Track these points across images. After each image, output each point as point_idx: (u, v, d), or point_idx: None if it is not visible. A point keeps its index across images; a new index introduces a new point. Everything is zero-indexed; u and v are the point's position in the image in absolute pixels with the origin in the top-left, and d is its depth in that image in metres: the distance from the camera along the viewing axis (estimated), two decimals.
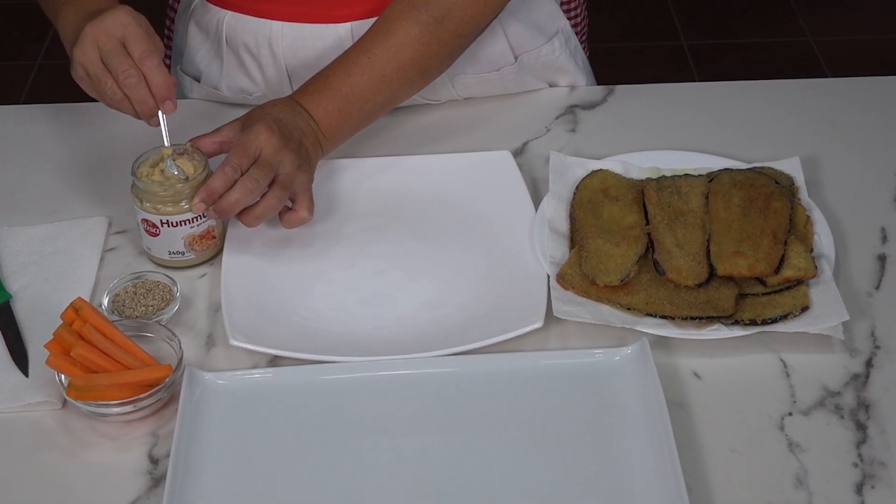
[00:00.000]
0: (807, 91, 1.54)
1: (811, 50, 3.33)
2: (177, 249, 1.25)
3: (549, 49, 1.49)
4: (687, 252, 1.21)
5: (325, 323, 1.20)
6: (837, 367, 1.15)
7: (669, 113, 1.49)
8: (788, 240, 1.22)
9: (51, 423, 1.11)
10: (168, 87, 1.21)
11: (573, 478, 1.04)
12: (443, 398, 1.11)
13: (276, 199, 1.22)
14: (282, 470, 1.05)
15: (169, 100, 1.22)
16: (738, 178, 1.29)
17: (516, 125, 1.47)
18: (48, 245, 1.29)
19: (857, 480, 1.05)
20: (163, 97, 1.21)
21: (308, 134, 1.28)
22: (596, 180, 1.32)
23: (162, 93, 1.21)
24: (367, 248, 1.29)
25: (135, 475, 1.07)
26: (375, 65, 1.30)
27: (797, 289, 1.18)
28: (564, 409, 1.10)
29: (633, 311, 1.18)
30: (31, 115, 1.52)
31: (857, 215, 1.32)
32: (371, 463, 1.06)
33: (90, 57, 1.20)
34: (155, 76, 1.20)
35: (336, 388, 1.12)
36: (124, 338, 1.12)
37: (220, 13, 1.44)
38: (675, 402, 1.11)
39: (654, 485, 1.02)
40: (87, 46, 1.20)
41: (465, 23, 1.32)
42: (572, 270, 1.20)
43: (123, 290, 1.22)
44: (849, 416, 1.10)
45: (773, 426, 1.09)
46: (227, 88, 1.49)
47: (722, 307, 1.16)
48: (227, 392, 1.12)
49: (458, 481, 1.04)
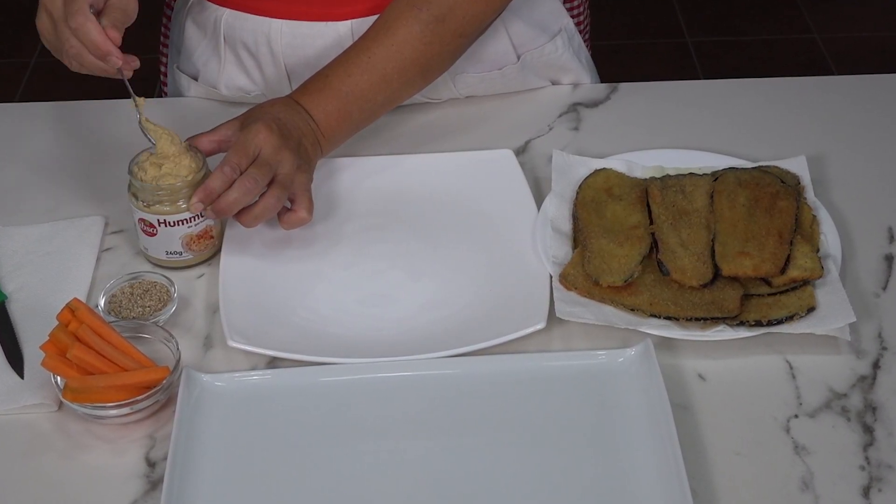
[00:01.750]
0: (813, 89, 1.54)
1: (817, 47, 3.33)
2: (174, 249, 1.25)
3: (551, 48, 1.49)
4: (691, 252, 1.20)
5: (325, 324, 1.19)
6: (844, 369, 1.14)
7: (673, 111, 1.49)
8: (794, 240, 1.21)
9: (46, 426, 1.11)
10: (101, 43, 1.16)
11: (576, 481, 1.04)
12: (444, 400, 1.11)
13: (274, 198, 1.21)
14: (281, 473, 1.05)
15: (110, 55, 1.17)
16: (743, 178, 1.29)
17: (518, 123, 1.47)
18: (44, 245, 1.29)
19: (864, 483, 1.04)
20: (101, 55, 1.17)
21: (307, 134, 1.28)
22: (599, 179, 1.31)
23: (97, 52, 1.17)
24: (368, 248, 1.28)
25: (131, 478, 1.06)
26: (376, 64, 1.30)
27: (803, 289, 1.18)
28: (567, 411, 1.10)
29: (636, 311, 1.17)
30: (26, 114, 1.52)
31: (864, 215, 1.31)
32: (372, 466, 1.06)
33: (44, 27, 1.19)
34: (84, 35, 1.16)
35: (336, 391, 1.12)
36: (121, 339, 1.11)
37: (218, 11, 1.44)
38: (679, 404, 1.10)
39: (658, 488, 1.02)
40: (42, 17, 1.19)
41: (467, 22, 1.32)
42: (575, 271, 1.20)
43: (120, 290, 1.21)
44: (855, 418, 1.10)
45: (778, 428, 1.09)
46: (225, 87, 1.48)
47: (727, 308, 1.16)
48: (226, 394, 1.11)
49: (460, 484, 1.04)
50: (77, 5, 1.16)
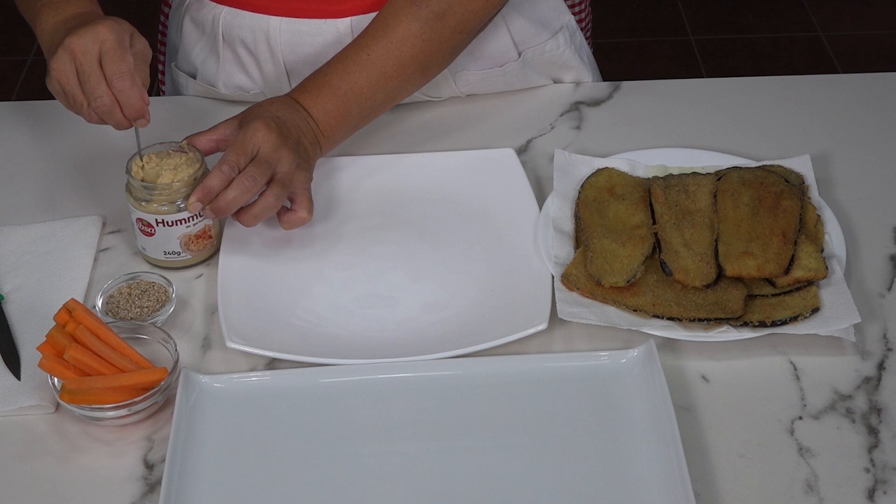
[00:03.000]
0: (817, 87, 1.54)
1: (822, 45, 3.33)
2: (172, 249, 1.24)
3: (553, 45, 1.49)
4: (695, 252, 1.20)
5: (325, 325, 1.19)
6: (849, 370, 1.14)
7: (677, 110, 1.49)
8: (798, 240, 1.21)
9: (43, 428, 1.11)
10: (140, 108, 1.18)
11: (578, 483, 1.03)
12: (445, 402, 1.11)
13: (274, 197, 1.21)
14: (280, 476, 1.05)
15: (143, 118, 1.19)
16: (747, 177, 1.28)
17: (520, 122, 1.47)
18: (41, 245, 1.28)
19: (869, 486, 1.04)
20: (135, 117, 1.19)
21: (306, 132, 1.27)
22: (601, 179, 1.31)
23: (134, 113, 1.19)
24: (368, 248, 1.28)
25: (129, 481, 1.06)
26: (375, 62, 1.30)
27: (807, 290, 1.18)
28: (569, 413, 1.09)
29: (639, 312, 1.17)
30: (23, 112, 1.52)
31: (869, 214, 1.31)
32: (372, 469, 1.05)
33: (67, 75, 1.18)
34: (126, 98, 1.17)
35: (336, 392, 1.11)
36: (119, 340, 1.11)
37: (217, 8, 1.43)
38: (682, 406, 1.10)
39: (661, 491, 1.02)
40: (64, 62, 1.18)
41: (467, 18, 1.31)
42: (577, 271, 1.20)
43: (118, 291, 1.21)
44: (860, 420, 1.10)
45: (782, 430, 1.09)
46: (223, 85, 1.48)
47: (730, 309, 1.15)
48: (224, 396, 1.11)
49: (461, 487, 1.03)
50: (124, 67, 1.17)
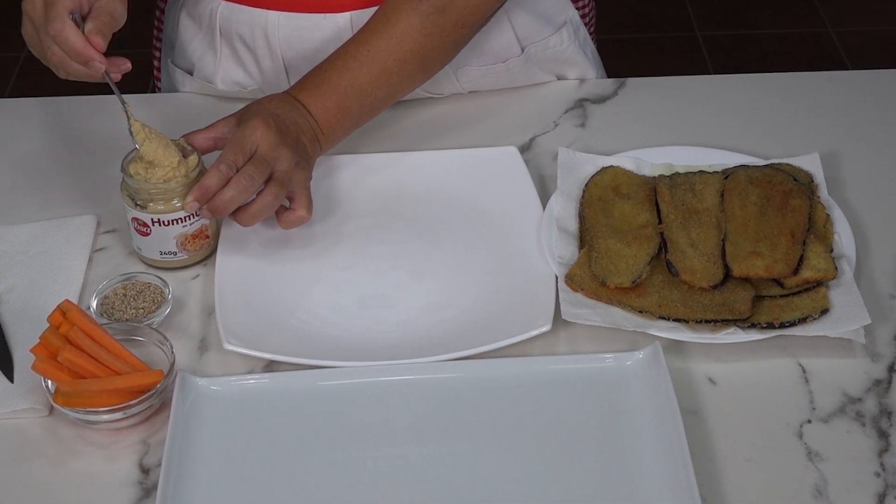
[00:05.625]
0: (826, 84, 1.54)
1: (831, 42, 3.33)
2: (168, 249, 1.24)
3: (556, 40, 1.49)
4: (701, 252, 1.20)
5: (324, 326, 1.19)
6: (858, 373, 1.14)
7: (683, 107, 1.49)
8: (807, 239, 1.21)
9: (37, 431, 1.10)
10: (78, 48, 1.16)
11: (582, 487, 1.03)
12: (446, 404, 1.11)
13: (272, 196, 1.21)
14: (278, 480, 1.04)
15: (91, 60, 1.17)
16: (754, 175, 1.28)
17: (523, 120, 1.47)
18: (34, 245, 1.28)
19: (880, 490, 1.03)
20: (80, 60, 1.17)
21: (306, 130, 1.27)
22: (606, 177, 1.31)
23: (75, 56, 1.16)
24: (368, 248, 1.28)
25: (125, 485, 1.06)
26: (375, 58, 1.29)
27: (816, 291, 1.18)
28: (573, 415, 1.09)
29: (645, 313, 1.17)
30: (16, 109, 1.52)
31: (879, 214, 1.31)
32: (372, 472, 1.05)
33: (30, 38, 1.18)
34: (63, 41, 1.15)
35: (335, 395, 1.11)
36: (114, 342, 1.11)
37: (214, 3, 1.43)
38: (688, 409, 1.10)
39: (667, 495, 1.01)
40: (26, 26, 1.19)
41: (468, 13, 1.31)
42: (582, 271, 1.20)
43: (113, 291, 1.21)
44: (870, 423, 1.09)
45: (791, 434, 1.08)
46: (221, 82, 1.48)
47: (738, 310, 1.15)
48: (221, 398, 1.11)
49: (462, 491, 1.03)
50: (55, 11, 1.16)
